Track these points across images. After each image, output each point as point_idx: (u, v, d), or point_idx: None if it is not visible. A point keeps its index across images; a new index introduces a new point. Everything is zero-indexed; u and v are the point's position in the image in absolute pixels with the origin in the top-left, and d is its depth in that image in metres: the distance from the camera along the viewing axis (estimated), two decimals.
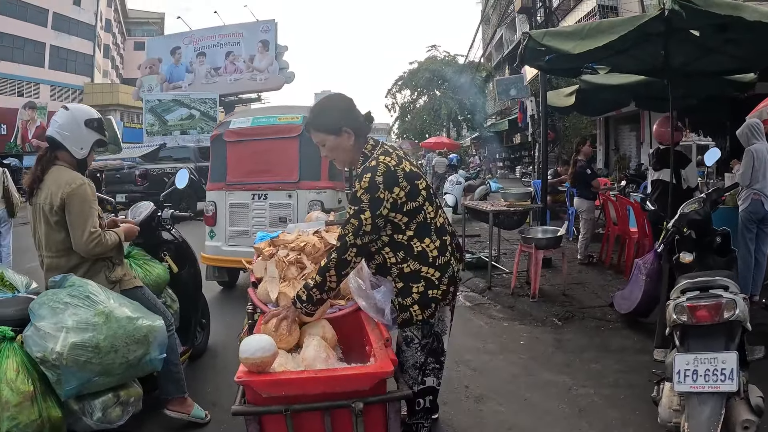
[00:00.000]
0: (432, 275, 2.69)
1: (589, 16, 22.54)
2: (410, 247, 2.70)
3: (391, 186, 2.60)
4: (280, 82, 36.24)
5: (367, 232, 2.59)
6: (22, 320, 2.93)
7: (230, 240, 7.17)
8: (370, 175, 2.60)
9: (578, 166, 8.90)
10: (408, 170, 2.70)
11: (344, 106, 2.88)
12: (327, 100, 2.97)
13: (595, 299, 6.80)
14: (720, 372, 2.83)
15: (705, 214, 3.84)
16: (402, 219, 2.67)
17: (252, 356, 2.09)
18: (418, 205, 2.69)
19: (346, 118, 2.80)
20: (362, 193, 2.59)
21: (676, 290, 3.21)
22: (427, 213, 2.74)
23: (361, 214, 2.57)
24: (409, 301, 2.69)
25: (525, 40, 5.70)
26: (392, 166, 2.64)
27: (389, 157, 2.69)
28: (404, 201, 2.64)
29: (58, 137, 3.42)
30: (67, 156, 3.45)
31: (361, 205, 2.58)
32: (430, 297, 2.69)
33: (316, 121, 2.85)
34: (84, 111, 3.57)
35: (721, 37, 5.37)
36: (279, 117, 7.03)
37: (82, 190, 3.31)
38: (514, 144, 37.84)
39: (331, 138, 2.80)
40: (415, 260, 2.69)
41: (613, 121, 21.67)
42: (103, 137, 3.58)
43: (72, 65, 46.64)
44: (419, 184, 2.72)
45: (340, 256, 2.60)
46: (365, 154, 2.80)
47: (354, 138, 2.79)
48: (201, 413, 3.85)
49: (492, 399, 4.28)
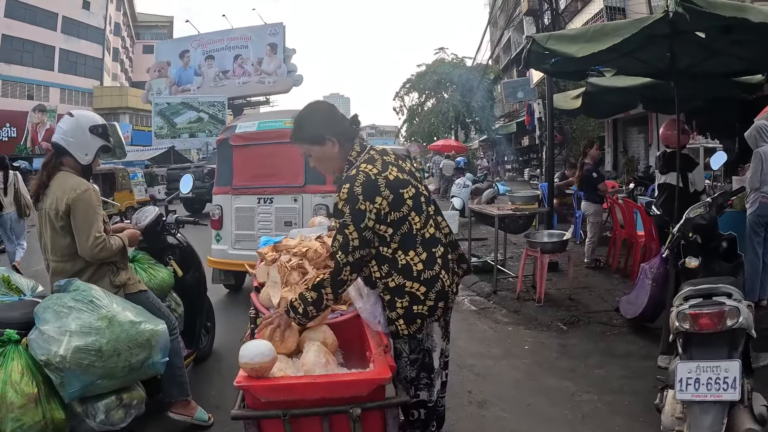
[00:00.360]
0: (417, 290, 2.56)
1: (596, 17, 22.45)
2: (395, 260, 2.59)
3: (372, 196, 2.50)
4: (288, 85, 36.41)
5: (357, 246, 2.49)
6: (28, 323, 2.95)
7: (236, 243, 7.21)
8: (348, 185, 2.51)
9: (585, 169, 8.86)
10: (393, 178, 2.60)
11: (324, 114, 2.81)
12: (307, 110, 2.87)
13: (601, 304, 6.76)
14: (722, 380, 2.80)
15: (710, 218, 3.80)
16: (387, 230, 2.57)
17: (251, 361, 2.10)
18: (403, 215, 2.59)
19: (327, 126, 2.73)
20: (342, 204, 2.51)
21: (678, 297, 3.19)
22: (413, 224, 2.62)
23: (345, 229, 2.49)
24: (395, 315, 2.58)
25: (529, 43, 5.70)
26: (373, 175, 2.55)
27: (371, 165, 2.61)
28: (387, 211, 2.55)
29: (63, 143, 3.46)
30: (72, 162, 3.48)
31: (344, 219, 2.50)
32: (416, 313, 2.57)
33: (299, 133, 2.80)
34: (88, 117, 3.61)
35: (726, 38, 5.35)
36: (285, 121, 7.05)
37: (87, 195, 3.35)
38: (523, 146, 37.76)
39: (315, 148, 2.75)
40: (399, 274, 2.58)
41: (621, 123, 21.58)
42: (107, 143, 3.61)
43: (81, 68, 46.94)
44: (404, 192, 2.62)
45: (336, 277, 2.52)
46: (349, 161, 2.72)
47: (338, 145, 2.72)
48: (204, 416, 3.87)
49: (495, 404, 4.27)
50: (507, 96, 24.08)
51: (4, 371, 2.74)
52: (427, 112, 36.60)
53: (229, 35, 38.08)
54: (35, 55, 42.44)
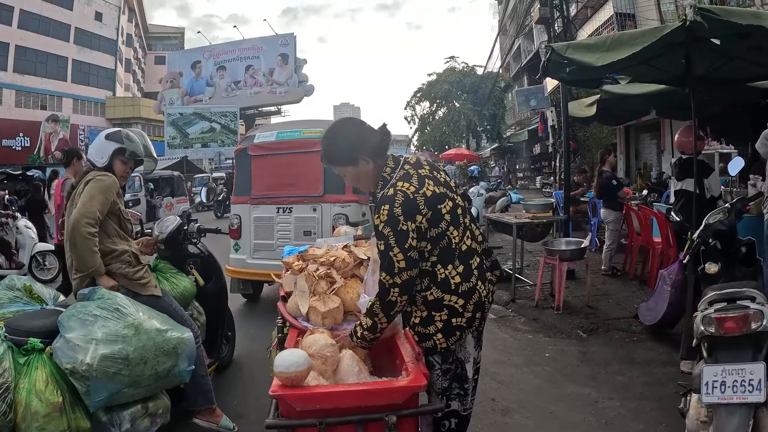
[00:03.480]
0: (455, 303, 2.53)
1: (606, 24, 22.48)
2: (434, 273, 2.54)
3: (413, 215, 2.44)
4: (299, 95, 36.55)
5: (403, 268, 2.40)
6: (51, 332, 2.96)
7: (255, 253, 7.25)
8: (388, 207, 2.43)
9: (604, 177, 8.86)
10: (430, 194, 2.52)
11: (354, 133, 2.68)
12: (336, 130, 2.74)
13: (619, 311, 6.77)
14: (748, 383, 2.82)
15: (730, 224, 3.81)
16: (426, 246, 2.51)
17: (287, 370, 2.10)
18: (441, 231, 2.53)
19: (359, 146, 2.62)
20: (383, 227, 2.43)
21: (703, 302, 3.20)
22: (452, 238, 2.56)
23: (389, 252, 2.41)
24: (432, 330, 2.54)
25: (548, 53, 5.73)
26: (411, 194, 2.47)
27: (408, 183, 2.52)
28: (427, 227, 2.49)
29: (88, 155, 3.77)
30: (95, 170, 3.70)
31: (387, 242, 2.42)
32: (455, 325, 2.54)
33: (331, 156, 2.70)
34: (109, 129, 3.90)
35: (743, 44, 5.37)
36: (303, 131, 7.10)
37: (102, 179, 3.50)
38: (534, 154, 37.65)
39: (349, 169, 2.66)
40: (438, 288, 2.53)
41: (634, 130, 21.51)
42: (121, 145, 3.72)
43: (94, 79, 47.32)
44: (442, 208, 2.55)
45: (384, 299, 2.44)
46: (384, 178, 2.63)
47: (373, 163, 2.63)
48: (229, 424, 3.88)
49: (518, 412, 4.28)
50: (520, 104, 24.01)
51: (29, 380, 2.75)
52: (439, 120, 36.64)
53: (240, 46, 38.30)
54: (48, 66, 42.81)
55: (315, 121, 7.82)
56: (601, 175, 8.91)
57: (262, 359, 5.02)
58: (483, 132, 38.02)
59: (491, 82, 32.41)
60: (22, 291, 3.47)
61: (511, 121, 40.89)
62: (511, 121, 40.92)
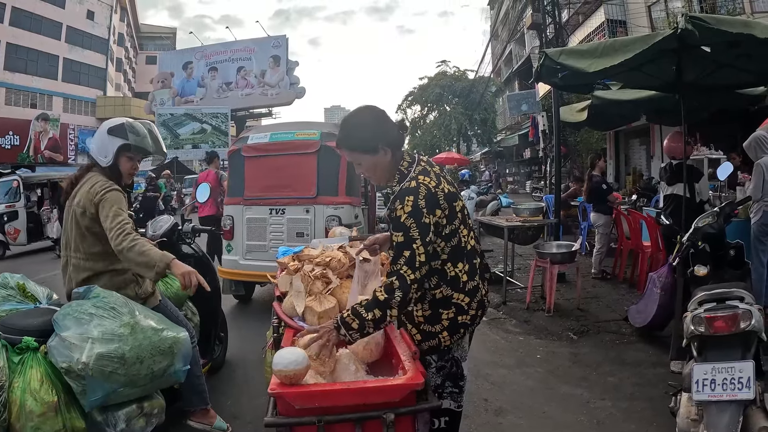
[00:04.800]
0: (462, 300, 2.53)
1: (598, 30, 22.63)
2: (444, 271, 2.53)
3: (434, 209, 2.41)
4: (290, 97, 36.40)
5: (423, 262, 2.34)
6: (45, 331, 2.93)
7: (247, 254, 7.24)
8: (412, 198, 2.37)
9: (594, 181, 8.92)
10: (447, 191, 2.51)
11: (378, 120, 2.59)
12: (358, 115, 2.65)
13: (609, 313, 6.83)
14: (737, 381, 2.88)
15: (719, 227, 3.89)
16: (440, 243, 2.49)
17: (285, 369, 2.11)
18: (454, 228, 2.52)
19: (381, 134, 2.54)
20: (406, 218, 2.35)
21: (693, 302, 3.25)
22: (462, 236, 2.57)
23: (413, 244, 2.33)
24: (438, 328, 2.54)
25: (542, 58, 5.79)
26: (432, 188, 2.44)
27: (428, 177, 2.49)
28: (444, 224, 2.47)
29: (89, 150, 3.68)
30: (98, 166, 3.55)
31: (410, 234, 2.34)
32: (460, 323, 2.54)
33: (349, 141, 2.59)
34: (110, 121, 3.63)
35: (733, 52, 5.45)
36: (297, 133, 7.12)
37: (111, 193, 3.35)
38: (524, 159, 37.79)
39: (367, 157, 2.56)
40: (448, 285, 2.53)
41: (623, 135, 21.67)
42: (126, 140, 3.50)
43: (85, 78, 46.95)
44: (456, 205, 2.55)
45: (405, 296, 2.32)
46: (402, 172, 2.56)
47: (391, 154, 2.56)
48: (223, 425, 3.87)
49: (511, 412, 4.31)
50: (511, 108, 24.06)
51: (23, 379, 2.72)
52: (430, 124, 36.73)
53: (232, 47, 38.12)
54: (39, 64, 42.41)
55: (310, 123, 7.83)
56: (591, 180, 8.98)
57: (255, 360, 5.04)
58: (474, 136, 38.13)
59: (482, 87, 32.51)
60: (15, 289, 3.44)
61: (501, 125, 41.00)
62: (502, 126, 41.03)
